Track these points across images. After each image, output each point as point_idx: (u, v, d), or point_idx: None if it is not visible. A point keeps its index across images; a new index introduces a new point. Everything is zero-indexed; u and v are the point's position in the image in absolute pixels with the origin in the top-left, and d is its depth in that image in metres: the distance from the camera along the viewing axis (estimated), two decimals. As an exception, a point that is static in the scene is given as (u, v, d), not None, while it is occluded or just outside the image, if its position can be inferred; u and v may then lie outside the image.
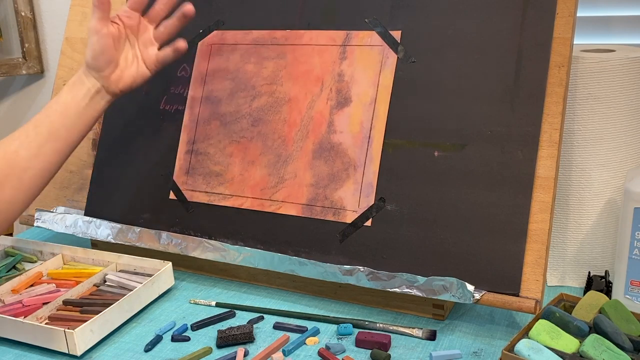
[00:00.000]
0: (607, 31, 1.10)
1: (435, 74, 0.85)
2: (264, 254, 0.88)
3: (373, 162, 0.86)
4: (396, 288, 0.80)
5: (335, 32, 0.91)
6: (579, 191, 0.88)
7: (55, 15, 1.49)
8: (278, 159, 0.91)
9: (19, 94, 1.59)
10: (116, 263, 0.96)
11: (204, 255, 0.92)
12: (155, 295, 0.89)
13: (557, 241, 0.90)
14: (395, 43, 0.88)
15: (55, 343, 0.78)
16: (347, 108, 0.89)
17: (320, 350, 0.77)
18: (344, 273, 0.83)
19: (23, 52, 1.50)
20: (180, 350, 0.79)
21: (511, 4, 0.82)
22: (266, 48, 0.95)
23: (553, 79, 0.79)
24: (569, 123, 0.85)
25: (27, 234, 1.15)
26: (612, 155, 0.86)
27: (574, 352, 0.68)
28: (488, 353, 0.76)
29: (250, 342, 0.80)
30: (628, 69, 0.84)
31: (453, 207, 0.81)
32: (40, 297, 0.89)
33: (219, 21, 1.00)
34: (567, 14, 0.79)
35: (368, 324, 0.82)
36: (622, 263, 0.81)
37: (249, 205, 0.92)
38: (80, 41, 1.12)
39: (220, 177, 0.95)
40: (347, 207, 0.86)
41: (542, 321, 0.72)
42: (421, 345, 0.79)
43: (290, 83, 0.93)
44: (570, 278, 0.91)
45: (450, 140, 0.83)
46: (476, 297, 0.77)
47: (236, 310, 0.87)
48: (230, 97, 0.96)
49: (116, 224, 0.99)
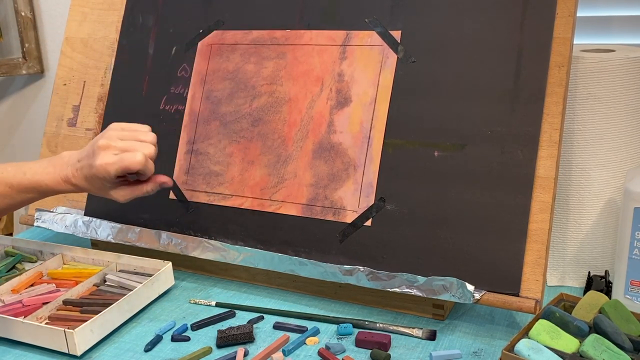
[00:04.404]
0: (607, 31, 1.10)
1: (435, 74, 0.85)
2: (264, 254, 0.88)
3: (373, 162, 0.86)
4: (396, 288, 0.80)
5: (335, 32, 0.91)
6: (579, 191, 0.88)
7: (55, 15, 1.49)
8: (278, 159, 0.91)
9: (19, 94, 1.59)
10: (116, 263, 0.96)
11: (204, 255, 0.92)
12: (155, 295, 0.89)
13: (557, 241, 0.90)
14: (395, 43, 0.88)
15: (55, 343, 0.78)
16: (347, 108, 0.89)
17: (320, 350, 0.77)
18: (344, 273, 0.83)
19: (23, 52, 1.50)
20: (180, 350, 0.79)
21: (511, 4, 0.82)
22: (266, 48, 0.95)
23: (553, 79, 0.79)
24: (569, 123, 0.85)
25: (27, 234, 1.15)
26: (612, 155, 0.86)
27: (574, 352, 0.68)
28: (488, 353, 0.76)
29: (250, 342, 0.80)
30: (628, 69, 0.84)
31: (453, 207, 0.81)
32: (40, 297, 0.89)
33: (219, 21, 1.00)
34: (567, 14, 0.79)
35: (368, 324, 0.82)
36: (622, 263, 0.81)
37: (249, 205, 0.92)
38: (80, 41, 1.12)
39: (220, 177, 0.95)
40: (347, 207, 0.86)
41: (542, 321, 0.72)
42: (421, 345, 0.79)
43: (290, 83, 0.93)
44: (570, 278, 0.91)
45: (450, 140, 0.83)
46: (476, 297, 0.77)
47: (236, 310, 0.87)
48: (230, 97, 0.96)
49: (116, 224, 0.99)
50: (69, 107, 1.11)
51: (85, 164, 0.82)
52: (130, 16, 1.07)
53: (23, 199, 0.85)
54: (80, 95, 1.10)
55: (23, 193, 0.85)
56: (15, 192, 0.84)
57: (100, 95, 1.08)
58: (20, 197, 0.85)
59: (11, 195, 0.84)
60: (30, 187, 0.84)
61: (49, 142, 1.11)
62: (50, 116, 1.12)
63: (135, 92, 1.04)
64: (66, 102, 1.11)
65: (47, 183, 0.84)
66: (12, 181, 0.84)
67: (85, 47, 1.11)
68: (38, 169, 0.85)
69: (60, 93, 1.12)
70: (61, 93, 1.12)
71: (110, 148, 0.81)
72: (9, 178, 0.84)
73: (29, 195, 0.85)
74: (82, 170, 0.83)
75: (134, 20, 1.06)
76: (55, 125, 1.12)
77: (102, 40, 1.10)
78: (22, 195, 0.85)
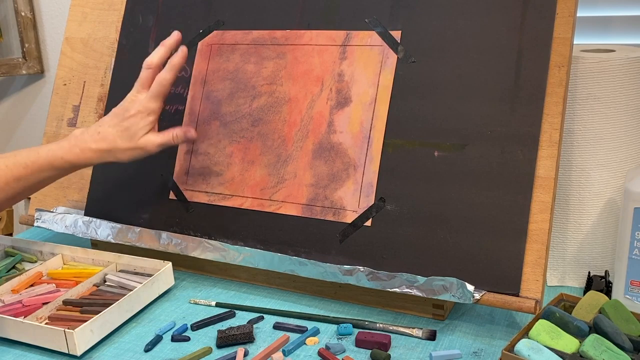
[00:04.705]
0: (607, 31, 1.10)
1: (435, 74, 0.85)
2: (264, 254, 0.88)
3: (373, 162, 0.86)
4: (396, 288, 0.80)
5: (335, 32, 0.91)
6: (579, 191, 0.88)
7: (55, 15, 1.49)
8: (278, 159, 0.91)
9: (19, 94, 1.59)
10: (116, 263, 0.96)
11: (204, 255, 0.93)
12: (155, 295, 0.89)
13: (557, 241, 0.90)
14: (395, 43, 0.88)
15: (55, 343, 0.78)
16: (347, 108, 0.89)
17: (320, 350, 0.77)
18: (344, 273, 0.83)
19: (23, 52, 1.50)
20: (180, 350, 0.79)
21: (511, 4, 0.82)
22: (266, 48, 0.95)
23: (553, 79, 0.79)
24: (569, 123, 0.85)
25: (27, 234, 1.15)
26: (612, 155, 0.86)
27: (574, 352, 0.68)
28: (488, 353, 0.76)
29: (250, 342, 0.80)
30: (628, 69, 0.84)
31: (453, 207, 0.81)
32: (40, 297, 0.89)
33: (219, 21, 1.00)
34: (567, 14, 0.79)
35: (368, 324, 0.82)
36: (622, 263, 0.81)
37: (249, 205, 0.92)
38: (80, 41, 1.12)
39: (220, 177, 0.95)
40: (347, 207, 0.86)
41: (542, 321, 0.72)
42: (421, 345, 0.79)
43: (290, 83, 0.93)
44: (570, 278, 0.91)
45: (450, 140, 0.83)
46: (476, 297, 0.77)
47: (236, 310, 0.87)
48: (230, 97, 0.96)
49: (116, 224, 0.99)
50: (69, 107, 1.11)
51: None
52: (130, 16, 1.07)
53: (38, 179, 0.85)
54: (80, 95, 1.10)
55: (38, 172, 0.85)
56: (29, 173, 0.84)
57: (100, 95, 1.08)
58: (34, 177, 0.85)
59: (26, 176, 0.84)
60: (46, 164, 0.85)
61: (49, 142, 1.11)
62: (50, 116, 1.12)
63: (135, 92, 1.04)
64: (66, 102, 1.11)
65: (63, 155, 0.85)
66: (26, 161, 0.84)
67: (85, 47, 1.11)
68: (52, 146, 0.86)
69: (60, 93, 1.12)
70: (61, 93, 1.12)
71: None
72: (23, 158, 0.84)
73: (44, 174, 0.85)
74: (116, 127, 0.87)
75: (134, 20, 1.06)
76: (55, 125, 1.12)
77: (102, 40, 1.10)
78: (36, 175, 0.85)
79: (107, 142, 0.86)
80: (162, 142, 0.88)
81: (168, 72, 0.88)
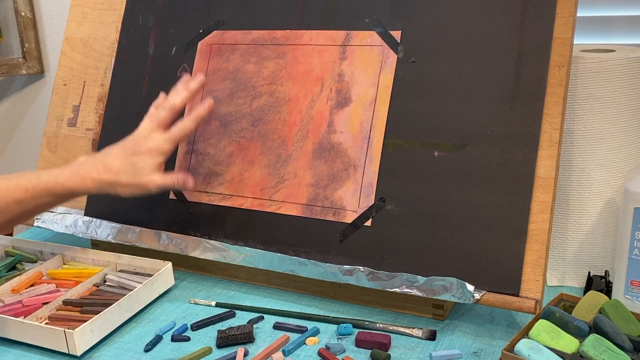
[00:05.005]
0: (607, 31, 1.10)
1: (435, 74, 0.85)
2: (264, 254, 0.88)
3: (373, 162, 0.86)
4: (396, 288, 0.80)
5: (335, 32, 0.91)
6: (579, 191, 0.88)
7: (55, 15, 1.49)
8: (278, 159, 0.91)
9: (19, 94, 1.59)
10: (116, 263, 0.96)
11: (204, 255, 0.92)
12: (155, 295, 0.89)
13: (557, 241, 0.90)
14: (395, 43, 0.88)
15: (55, 343, 0.78)
16: (347, 108, 0.89)
17: (320, 350, 0.77)
18: (344, 273, 0.83)
19: (23, 52, 1.50)
20: (180, 350, 0.79)
21: (511, 4, 0.82)
22: (266, 48, 0.95)
23: (553, 79, 0.79)
24: (569, 123, 0.85)
25: (27, 234, 1.15)
26: (612, 155, 0.86)
27: (574, 352, 0.68)
28: (488, 353, 0.76)
29: (250, 342, 0.80)
30: (628, 69, 0.84)
31: (453, 207, 0.81)
32: (40, 297, 0.89)
33: (219, 21, 1.00)
34: (567, 14, 0.79)
35: (368, 324, 0.82)
36: (622, 263, 0.81)
37: (249, 205, 0.92)
38: (80, 41, 1.12)
39: (220, 177, 0.95)
40: (347, 207, 0.86)
41: (542, 321, 0.72)
42: (421, 345, 0.79)
43: (290, 83, 0.93)
44: (570, 278, 0.91)
45: (450, 140, 0.83)
46: (476, 297, 0.77)
47: (236, 310, 0.87)
48: (230, 97, 0.96)
49: (116, 224, 0.99)
50: (69, 107, 1.11)
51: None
52: (130, 16, 1.07)
53: (37, 203, 0.85)
54: (80, 95, 1.10)
55: (38, 197, 0.84)
56: (30, 197, 0.83)
57: (100, 95, 1.08)
58: (34, 202, 0.84)
59: (26, 200, 0.83)
60: (46, 190, 0.84)
61: (49, 142, 1.11)
62: (50, 116, 1.12)
63: (135, 92, 1.04)
64: (66, 102, 1.11)
65: (63, 183, 0.84)
66: (27, 185, 0.83)
67: (85, 47, 1.11)
68: (55, 172, 0.86)
69: (60, 93, 1.12)
70: (61, 93, 1.12)
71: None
72: (25, 182, 0.84)
73: (44, 199, 0.85)
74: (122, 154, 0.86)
75: (134, 20, 1.06)
76: (55, 125, 1.12)
77: (102, 40, 1.10)
78: (37, 199, 0.84)
79: (110, 175, 0.85)
80: (164, 185, 0.87)
81: (192, 122, 0.88)
